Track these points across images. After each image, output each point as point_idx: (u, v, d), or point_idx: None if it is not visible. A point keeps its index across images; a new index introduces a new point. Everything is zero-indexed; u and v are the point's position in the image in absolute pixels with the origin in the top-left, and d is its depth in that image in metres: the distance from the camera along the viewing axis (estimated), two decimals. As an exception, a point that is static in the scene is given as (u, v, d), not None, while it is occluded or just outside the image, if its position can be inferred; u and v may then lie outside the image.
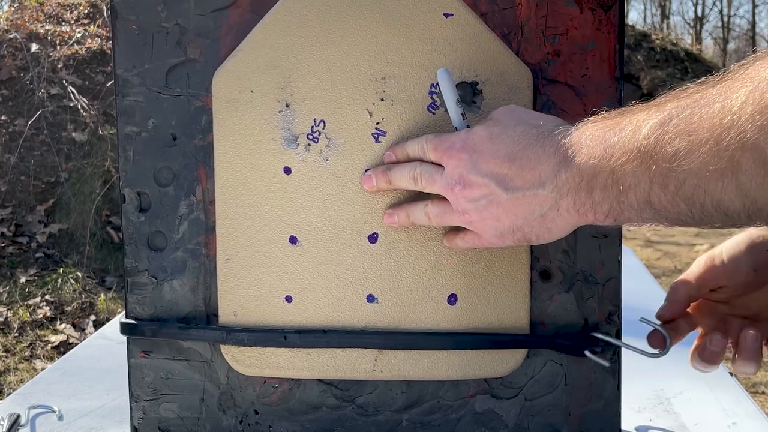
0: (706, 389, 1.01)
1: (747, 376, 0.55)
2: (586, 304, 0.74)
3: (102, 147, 4.50)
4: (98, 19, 5.48)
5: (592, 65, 0.71)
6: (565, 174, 0.53)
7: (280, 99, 0.69)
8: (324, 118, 0.69)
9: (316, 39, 0.69)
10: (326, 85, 0.69)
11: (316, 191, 0.70)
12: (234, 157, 0.71)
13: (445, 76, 0.64)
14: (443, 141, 0.61)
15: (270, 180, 0.71)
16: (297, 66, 0.69)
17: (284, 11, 0.69)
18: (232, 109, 0.70)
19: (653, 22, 13.80)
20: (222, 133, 0.71)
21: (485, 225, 0.60)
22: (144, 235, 0.75)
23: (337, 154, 0.69)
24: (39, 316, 3.40)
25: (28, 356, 3.11)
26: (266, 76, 0.69)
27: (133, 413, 0.77)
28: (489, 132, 0.59)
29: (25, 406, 0.95)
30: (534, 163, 0.55)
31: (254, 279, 0.72)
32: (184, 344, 0.76)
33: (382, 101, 0.69)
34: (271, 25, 0.69)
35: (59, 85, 4.79)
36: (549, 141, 0.55)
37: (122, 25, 0.73)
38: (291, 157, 0.70)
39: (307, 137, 0.70)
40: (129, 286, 0.76)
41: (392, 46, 0.68)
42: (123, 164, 0.75)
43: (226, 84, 0.70)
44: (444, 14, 0.68)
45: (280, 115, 0.70)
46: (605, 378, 0.75)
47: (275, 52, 0.69)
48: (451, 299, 0.71)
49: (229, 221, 0.72)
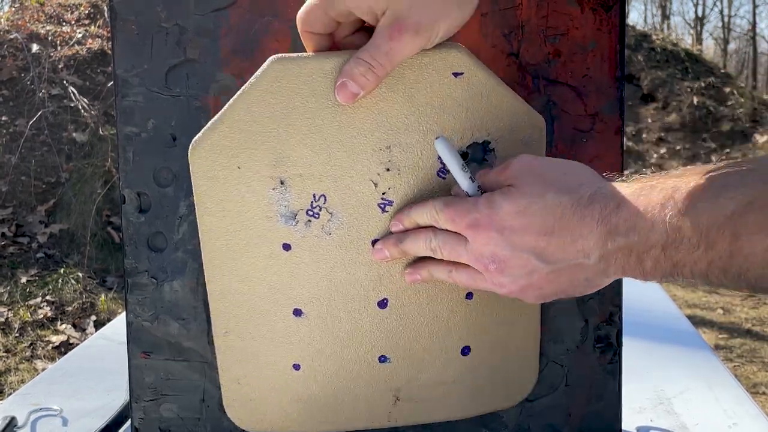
0: (707, 389, 1.01)
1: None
2: (587, 305, 0.74)
3: (103, 147, 4.50)
4: (99, 20, 5.48)
5: (592, 65, 0.71)
6: (612, 245, 0.51)
7: (272, 176, 0.62)
8: (324, 193, 0.63)
9: (308, 109, 0.61)
10: (324, 158, 0.62)
11: (320, 265, 0.65)
12: (222, 233, 0.64)
13: (442, 145, 0.60)
14: (461, 213, 0.57)
15: (267, 257, 0.65)
16: (289, 140, 0.62)
17: (269, 79, 0.60)
18: (216, 185, 0.63)
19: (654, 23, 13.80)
20: (205, 209, 0.64)
21: (524, 293, 0.58)
22: (144, 235, 0.75)
23: (340, 227, 0.64)
24: (40, 317, 3.40)
25: (29, 356, 3.11)
26: (254, 152, 0.62)
27: (133, 414, 0.77)
28: (516, 206, 0.55)
29: (25, 407, 0.95)
30: (575, 235, 0.53)
31: (257, 349, 0.68)
32: (185, 345, 0.76)
33: (387, 171, 0.63)
34: (255, 96, 0.61)
35: (60, 85, 4.80)
36: (588, 212, 0.52)
37: (122, 26, 0.73)
38: (290, 233, 0.64)
39: (306, 213, 0.64)
40: (129, 287, 0.76)
41: (397, 112, 0.62)
42: (123, 165, 0.75)
43: (205, 159, 0.63)
44: (453, 74, 0.61)
45: (274, 192, 0.63)
46: (606, 378, 0.75)
47: (262, 126, 0.61)
48: (465, 350, 0.68)
49: (222, 296, 0.67)
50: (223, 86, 0.73)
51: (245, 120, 0.61)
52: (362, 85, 0.58)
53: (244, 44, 0.73)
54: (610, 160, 0.73)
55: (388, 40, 0.56)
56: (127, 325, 0.76)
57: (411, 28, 0.55)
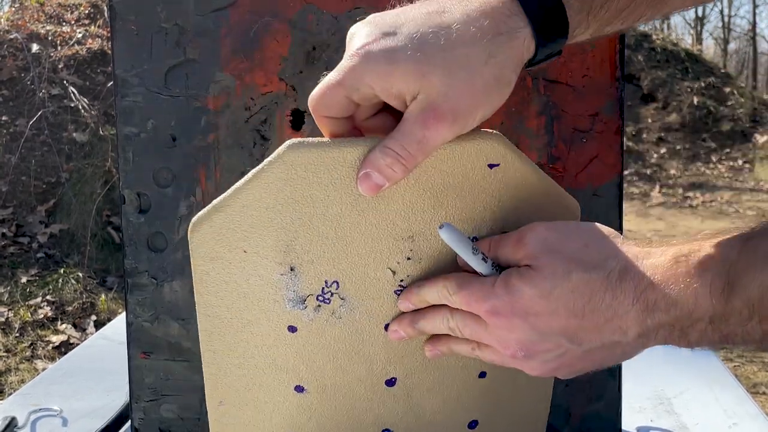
0: (707, 389, 1.01)
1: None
2: (587, 304, 0.74)
3: (103, 147, 4.50)
4: (99, 20, 5.48)
5: (592, 65, 0.71)
6: (652, 321, 0.49)
7: (282, 262, 0.57)
8: (337, 279, 0.58)
9: (326, 198, 0.55)
10: (341, 247, 0.57)
11: (327, 347, 0.61)
12: (222, 312, 0.60)
13: (449, 235, 0.54)
14: (477, 298, 0.53)
15: (270, 337, 0.60)
16: (302, 227, 0.56)
17: (285, 166, 0.54)
18: (218, 266, 0.58)
19: (654, 22, 13.81)
20: (205, 288, 0.59)
21: (555, 372, 0.55)
22: (144, 236, 0.75)
23: (352, 311, 0.60)
24: (40, 317, 3.40)
25: (29, 356, 3.11)
26: (263, 237, 0.56)
27: (133, 414, 0.77)
28: (539, 290, 0.50)
29: (25, 407, 0.95)
30: (609, 314, 0.50)
31: (253, 419, 0.64)
32: (185, 345, 0.76)
33: (408, 260, 0.58)
34: (269, 182, 0.55)
35: (60, 85, 4.80)
36: (621, 290, 0.49)
37: (121, 26, 0.73)
38: (297, 317, 0.59)
39: (316, 298, 0.59)
40: (129, 287, 0.76)
41: (424, 204, 0.56)
42: (123, 165, 0.75)
43: (208, 239, 0.57)
44: (488, 165, 0.56)
45: (283, 278, 0.58)
46: (606, 379, 0.75)
47: (274, 212, 0.56)
48: (472, 424, 0.66)
49: (219, 371, 0.62)
50: (222, 86, 0.73)
51: (255, 205, 0.55)
52: (388, 176, 0.52)
53: (244, 44, 0.73)
54: (610, 161, 0.73)
55: (422, 128, 0.49)
56: (127, 325, 0.76)
57: (448, 115, 0.49)
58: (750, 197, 6.85)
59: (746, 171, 7.81)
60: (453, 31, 0.49)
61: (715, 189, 7.19)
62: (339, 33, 0.73)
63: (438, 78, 0.49)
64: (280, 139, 0.74)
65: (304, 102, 0.73)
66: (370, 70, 0.49)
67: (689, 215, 6.28)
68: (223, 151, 0.74)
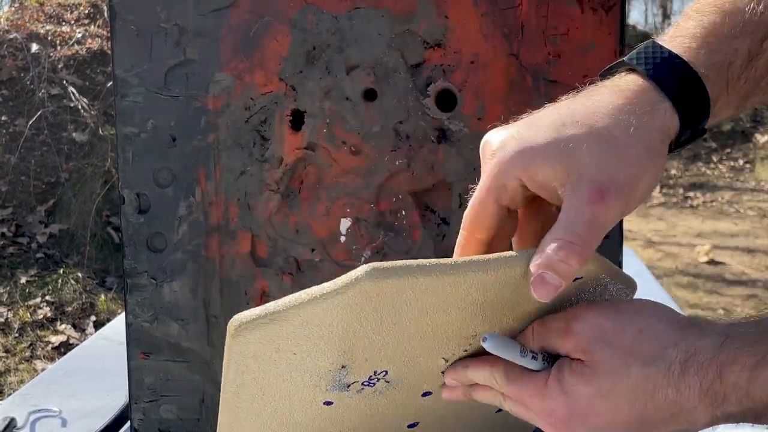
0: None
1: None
2: (587, 305, 0.74)
3: (102, 147, 4.50)
4: (99, 20, 5.48)
5: (592, 66, 0.71)
6: (722, 412, 0.47)
7: (334, 362, 0.53)
8: (387, 369, 0.55)
9: (395, 316, 0.51)
10: (400, 349, 0.54)
11: (361, 415, 0.60)
12: (256, 393, 0.56)
13: (494, 347, 0.51)
14: (530, 397, 0.50)
15: (301, 406, 0.57)
16: (363, 339, 0.52)
17: (359, 297, 0.49)
18: (260, 362, 0.54)
19: (654, 23, 13.79)
20: (242, 379, 0.54)
21: None
22: (143, 236, 0.75)
23: (393, 388, 0.58)
24: (39, 317, 3.40)
25: (29, 357, 3.11)
26: (317, 345, 0.52)
27: (133, 414, 0.77)
28: (596, 389, 0.48)
29: (25, 407, 0.95)
30: (674, 409, 0.47)
31: None
32: (184, 345, 0.76)
33: (465, 351, 0.56)
34: (334, 305, 0.50)
35: (59, 85, 4.79)
36: (685, 383, 0.46)
37: (121, 26, 0.73)
38: (337, 396, 0.57)
39: (362, 383, 0.56)
40: (129, 288, 0.76)
41: (492, 310, 0.52)
42: (122, 165, 0.74)
43: (253, 343, 0.52)
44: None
45: (332, 373, 0.54)
46: (606, 379, 0.75)
47: (334, 328, 0.51)
48: None
49: (236, 417, 0.58)
50: (222, 86, 0.73)
51: (316, 322, 0.51)
52: (564, 274, 0.46)
53: (244, 44, 0.72)
54: (610, 161, 0.73)
55: (588, 205, 0.45)
56: (126, 325, 0.76)
57: (610, 186, 0.45)
58: (751, 197, 6.85)
59: (747, 171, 7.82)
60: (590, 111, 0.48)
61: (716, 189, 7.19)
62: (339, 33, 0.72)
63: (585, 153, 0.46)
64: (280, 139, 0.74)
65: (304, 102, 0.73)
66: (510, 160, 0.47)
67: (690, 215, 6.28)
68: (222, 151, 0.74)
